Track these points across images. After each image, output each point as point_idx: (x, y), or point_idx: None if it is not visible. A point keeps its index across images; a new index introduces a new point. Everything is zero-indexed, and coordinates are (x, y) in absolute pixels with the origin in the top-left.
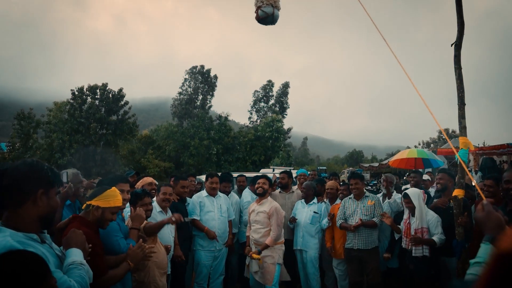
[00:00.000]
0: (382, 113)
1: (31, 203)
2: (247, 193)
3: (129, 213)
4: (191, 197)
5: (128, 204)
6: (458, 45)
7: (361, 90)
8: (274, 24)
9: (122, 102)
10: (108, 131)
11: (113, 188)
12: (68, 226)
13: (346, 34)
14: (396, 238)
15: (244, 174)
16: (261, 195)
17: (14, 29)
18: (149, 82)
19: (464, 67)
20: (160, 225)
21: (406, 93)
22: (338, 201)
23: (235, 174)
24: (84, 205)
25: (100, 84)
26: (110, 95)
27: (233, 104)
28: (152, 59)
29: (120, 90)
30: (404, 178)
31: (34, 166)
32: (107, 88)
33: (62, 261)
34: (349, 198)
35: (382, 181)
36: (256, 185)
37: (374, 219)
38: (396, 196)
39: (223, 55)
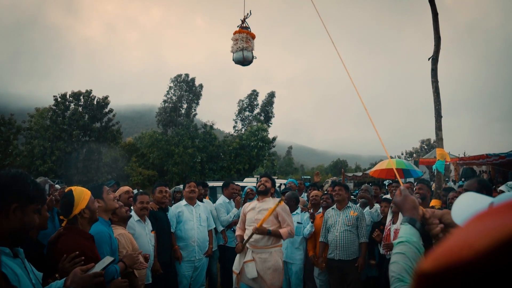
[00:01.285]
0: (367, 123)
1: (4, 216)
2: (220, 197)
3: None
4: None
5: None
6: (435, 59)
7: (346, 100)
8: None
9: (107, 110)
10: (91, 138)
11: (71, 188)
12: (63, 238)
13: (334, 44)
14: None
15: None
16: (263, 193)
17: (3, 34)
18: (135, 89)
19: (446, 80)
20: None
21: (390, 104)
22: (320, 210)
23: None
24: (65, 222)
25: (85, 91)
26: (95, 102)
27: (220, 113)
28: (140, 67)
29: (106, 97)
30: (387, 187)
31: (16, 178)
32: (91, 95)
33: (34, 280)
34: (332, 208)
35: (361, 191)
36: (258, 183)
37: (361, 240)
38: (377, 206)
39: (211, 64)
